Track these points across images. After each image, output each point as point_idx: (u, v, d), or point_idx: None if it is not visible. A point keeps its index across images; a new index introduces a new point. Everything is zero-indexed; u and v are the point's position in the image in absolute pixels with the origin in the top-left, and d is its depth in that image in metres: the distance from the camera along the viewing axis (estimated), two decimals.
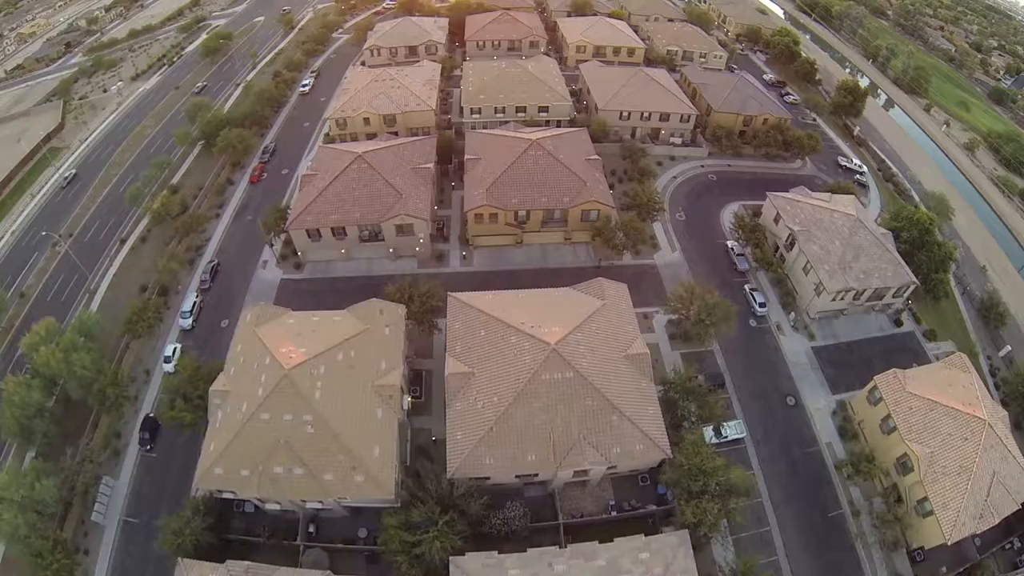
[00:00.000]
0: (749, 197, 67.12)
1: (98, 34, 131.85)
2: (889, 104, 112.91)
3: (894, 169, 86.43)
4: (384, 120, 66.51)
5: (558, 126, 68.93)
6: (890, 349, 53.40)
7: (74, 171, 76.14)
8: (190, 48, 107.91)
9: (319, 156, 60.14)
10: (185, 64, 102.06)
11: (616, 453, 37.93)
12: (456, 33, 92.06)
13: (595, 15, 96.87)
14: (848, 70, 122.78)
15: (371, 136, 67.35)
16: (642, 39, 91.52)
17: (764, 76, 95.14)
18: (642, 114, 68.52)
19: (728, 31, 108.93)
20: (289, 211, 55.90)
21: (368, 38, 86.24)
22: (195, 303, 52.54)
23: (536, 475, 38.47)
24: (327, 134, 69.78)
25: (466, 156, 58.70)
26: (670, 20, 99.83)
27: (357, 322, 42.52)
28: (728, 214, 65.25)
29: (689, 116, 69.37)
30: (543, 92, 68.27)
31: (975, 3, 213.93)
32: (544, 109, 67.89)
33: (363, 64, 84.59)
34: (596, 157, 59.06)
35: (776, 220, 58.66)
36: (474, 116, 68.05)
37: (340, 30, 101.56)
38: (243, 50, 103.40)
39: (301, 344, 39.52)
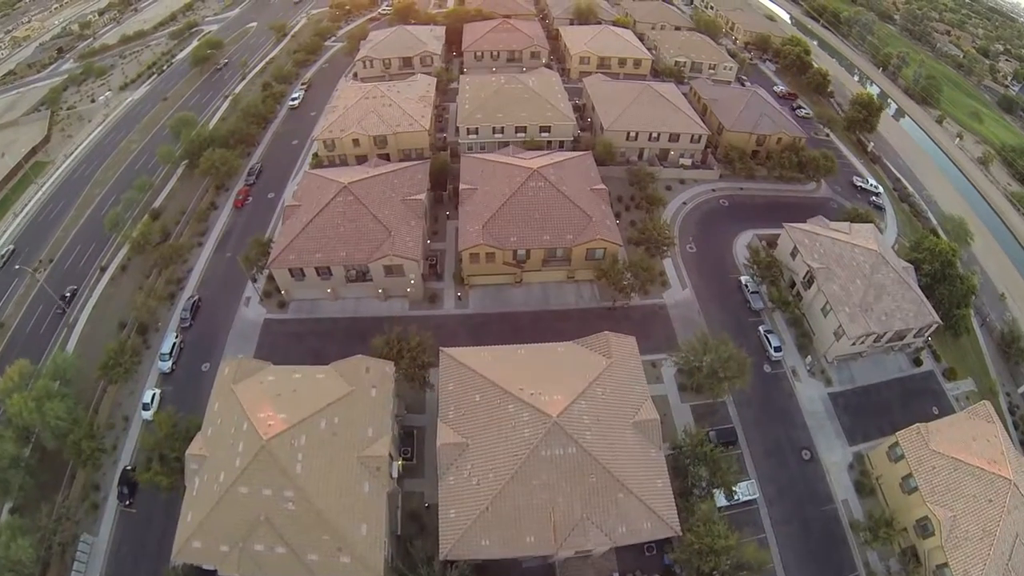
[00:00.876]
0: (763, 224, 60.46)
1: (91, 39, 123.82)
2: (899, 114, 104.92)
3: (910, 189, 79.33)
4: (374, 141, 59.06)
5: (560, 146, 61.95)
6: (909, 392, 48.19)
7: (11, 247, 61.18)
8: (181, 56, 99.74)
9: (304, 184, 53.13)
10: (175, 73, 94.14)
11: (621, 532, 32.36)
12: (453, 42, 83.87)
13: (599, 23, 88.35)
14: (857, 78, 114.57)
15: (361, 158, 60.27)
16: (648, 48, 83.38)
17: (775, 88, 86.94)
18: (651, 135, 61.15)
19: (736, 39, 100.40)
20: (272, 244, 49.19)
21: (361, 48, 78.34)
22: (174, 344, 46.71)
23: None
24: (315, 155, 62.60)
25: (461, 185, 51.66)
26: (677, 28, 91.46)
27: (341, 382, 36.54)
28: (741, 244, 58.27)
29: (700, 136, 62.07)
30: (544, 110, 60.72)
31: (978, 5, 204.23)
32: (546, 129, 60.39)
33: (355, 76, 77.29)
34: (602, 187, 52.01)
35: (793, 254, 51.87)
36: (471, 137, 60.69)
37: (333, 38, 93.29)
38: (234, 57, 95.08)
39: (281, 408, 34.13)
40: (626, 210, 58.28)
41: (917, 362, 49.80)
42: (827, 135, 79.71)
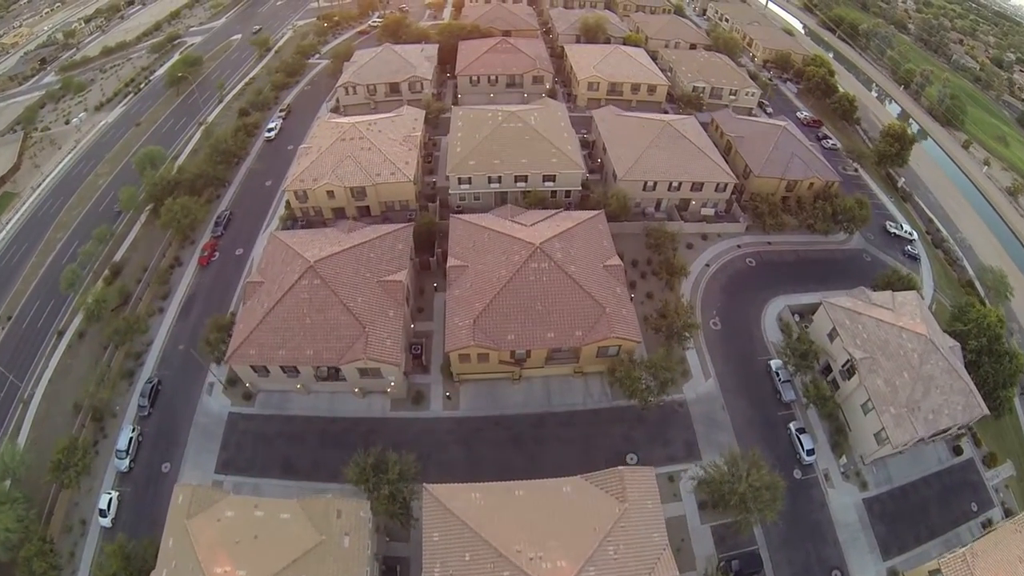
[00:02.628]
0: (794, 286, 48.39)
1: (74, 50, 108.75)
2: (922, 135, 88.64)
3: (943, 231, 65.78)
4: (352, 193, 46.42)
5: (567, 196, 49.67)
6: (948, 487, 39.40)
7: None
8: (159, 72, 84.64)
9: (267, 253, 41.13)
10: (151, 93, 79.21)
11: None
12: (448, 61, 69.12)
13: (608, 41, 73.13)
14: (875, 94, 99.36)
15: (338, 211, 47.71)
16: (662, 70, 68.59)
17: (798, 114, 72.64)
18: (671, 184, 48.12)
19: (755, 56, 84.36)
20: (235, 320, 38.31)
21: (344, 70, 63.83)
22: (131, 439, 36.91)
23: None
24: (287, 205, 49.56)
25: (449, 260, 39.09)
26: (692, 46, 75.78)
27: (309, 529, 27.53)
28: (771, 316, 46.04)
29: (726, 185, 48.96)
30: (549, 156, 47.10)
31: (984, 11, 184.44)
32: (550, 178, 47.03)
33: (337, 102, 63.03)
34: (617, 262, 39.38)
35: (832, 336, 40.41)
36: (463, 187, 47.49)
37: (316, 55, 77.73)
38: (214, 75, 79.95)
39: (241, 561, 26.70)
40: (642, 277, 45.71)
41: (957, 450, 40.39)
42: (856, 169, 66.46)
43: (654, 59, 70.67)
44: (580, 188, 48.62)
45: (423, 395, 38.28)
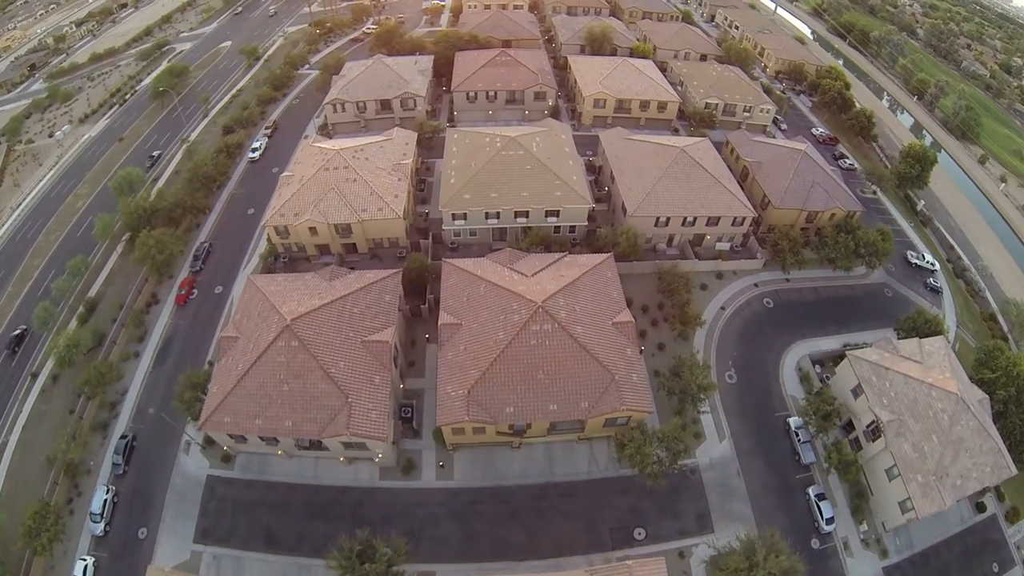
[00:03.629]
0: (813, 329, 42.70)
1: (64, 55, 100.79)
2: (936, 147, 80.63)
3: (964, 259, 58.51)
4: (336, 230, 40.20)
5: (571, 232, 43.14)
6: (970, 548, 34.69)
7: None
8: (146, 82, 76.80)
9: (243, 302, 35.19)
10: (135, 105, 71.64)
11: None
12: (444, 74, 61.29)
13: (614, 52, 65.31)
14: (887, 103, 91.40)
15: (322, 247, 41.57)
16: (672, 84, 60.78)
17: (813, 131, 65.21)
18: (685, 219, 41.85)
19: (766, 66, 76.07)
20: (211, 375, 32.97)
21: (332, 85, 56.14)
22: (106, 501, 33.04)
23: None
24: (268, 240, 43.09)
25: (441, 316, 32.83)
26: (703, 57, 68.00)
27: None
28: (790, 365, 40.27)
29: (744, 219, 42.73)
30: (552, 188, 40.47)
31: (988, 13, 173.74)
32: (554, 213, 40.66)
33: (325, 120, 55.62)
34: (628, 319, 33.25)
35: (856, 392, 35.10)
36: (457, 222, 41.04)
37: (306, 66, 70.00)
38: (200, 86, 72.56)
39: None
40: (652, 325, 39.57)
41: (980, 507, 35.55)
42: (874, 192, 59.53)
43: (663, 71, 63.19)
44: (586, 223, 42.21)
45: (414, 463, 32.78)
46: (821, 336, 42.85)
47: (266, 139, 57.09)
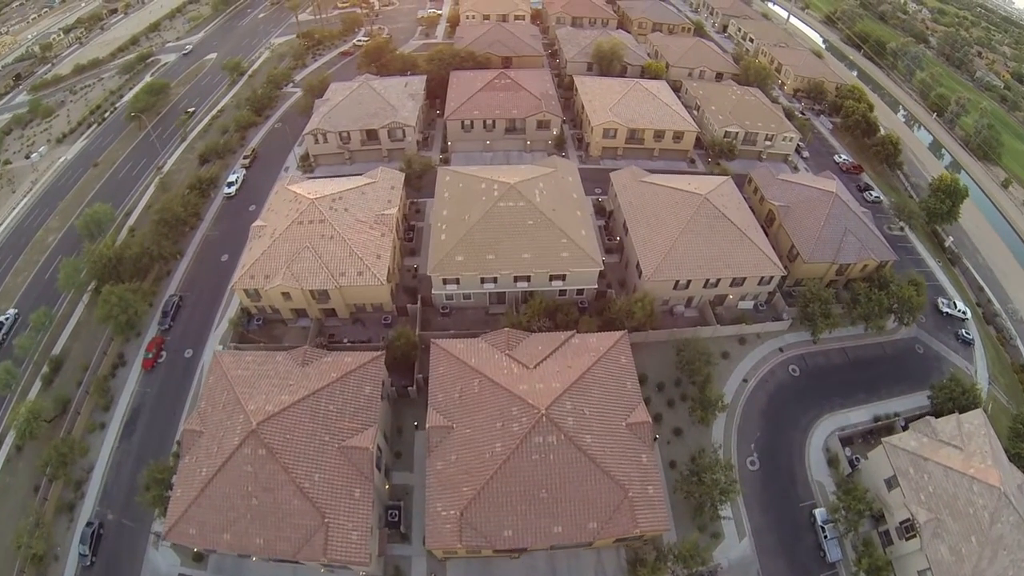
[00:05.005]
0: (843, 400, 35.78)
1: (49, 65, 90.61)
2: (955, 168, 71.17)
3: (994, 302, 49.80)
4: (313, 295, 32.66)
5: (579, 294, 34.99)
6: None
7: None
8: (126, 98, 67.10)
9: (209, 387, 28.25)
10: (113, 125, 62.44)
11: None
12: (437, 94, 52.18)
13: (624, 71, 55.69)
14: (903, 117, 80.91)
15: (299, 312, 34.04)
16: (687, 107, 51.39)
17: (835, 158, 56.11)
18: (707, 280, 34.13)
19: (784, 83, 66.01)
20: (176, 476, 26.24)
21: (314, 110, 47.18)
22: None
23: None
24: (240, 307, 35.40)
25: (429, 416, 25.97)
26: (718, 76, 58.29)
27: None
28: (816, 444, 33.55)
29: (772, 278, 34.97)
30: (558, 249, 32.43)
31: (992, 16, 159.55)
32: (559, 277, 32.82)
33: (307, 151, 46.76)
34: (644, 418, 26.10)
35: (891, 483, 28.91)
36: (449, 287, 33.29)
37: (290, 84, 60.23)
38: (181, 103, 63.12)
39: None
40: (668, 406, 32.39)
41: None
42: (901, 229, 50.93)
43: (676, 91, 53.58)
44: (596, 286, 34.32)
45: (402, 573, 26.37)
46: (850, 407, 35.87)
47: (244, 171, 48.55)
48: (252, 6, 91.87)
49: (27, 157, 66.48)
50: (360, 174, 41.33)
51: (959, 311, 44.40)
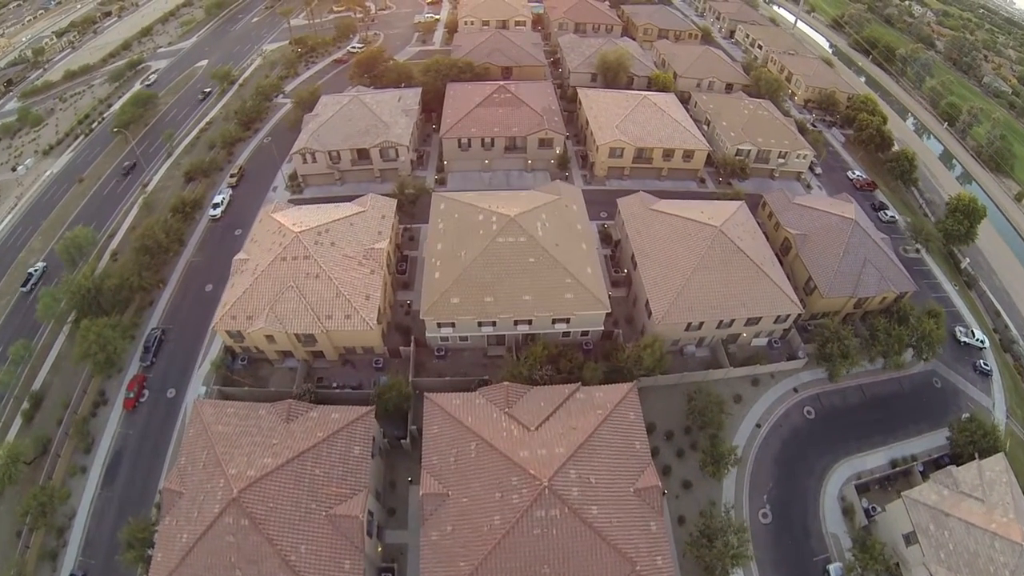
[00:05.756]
0: (859, 443, 32.61)
1: (41, 70, 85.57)
2: (966, 179, 66.82)
3: (1011, 329, 45.67)
4: (299, 339, 29.23)
5: (584, 335, 31.28)
6: None
7: None
8: (115, 107, 62.22)
9: (189, 440, 25.11)
10: (100, 136, 58.02)
11: None
12: (433, 107, 47.68)
13: (631, 82, 51.05)
14: (912, 125, 75.94)
15: (285, 353, 30.68)
16: (696, 120, 46.94)
17: (849, 174, 51.67)
18: (721, 321, 30.69)
19: (794, 93, 60.97)
20: (156, 539, 23.33)
21: (303, 126, 42.93)
22: None
23: None
24: (223, 346, 31.89)
25: (423, 481, 22.75)
26: (728, 87, 53.75)
27: None
28: (831, 492, 30.50)
29: (789, 316, 31.51)
30: (562, 290, 28.89)
31: (995, 17, 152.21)
32: (564, 319, 29.36)
33: (291, 176, 42.71)
34: (653, 482, 22.88)
35: (909, 539, 25.91)
36: (444, 330, 29.92)
37: (281, 95, 55.47)
38: (169, 114, 58.58)
39: None
40: (678, 457, 29.16)
41: None
42: (917, 251, 47.00)
43: (685, 104, 49.20)
44: (602, 327, 30.68)
45: None
46: (867, 450, 32.70)
47: (230, 190, 44.45)
48: (245, 10, 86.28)
49: (13, 169, 62.14)
50: (351, 196, 37.48)
51: (977, 340, 40.86)
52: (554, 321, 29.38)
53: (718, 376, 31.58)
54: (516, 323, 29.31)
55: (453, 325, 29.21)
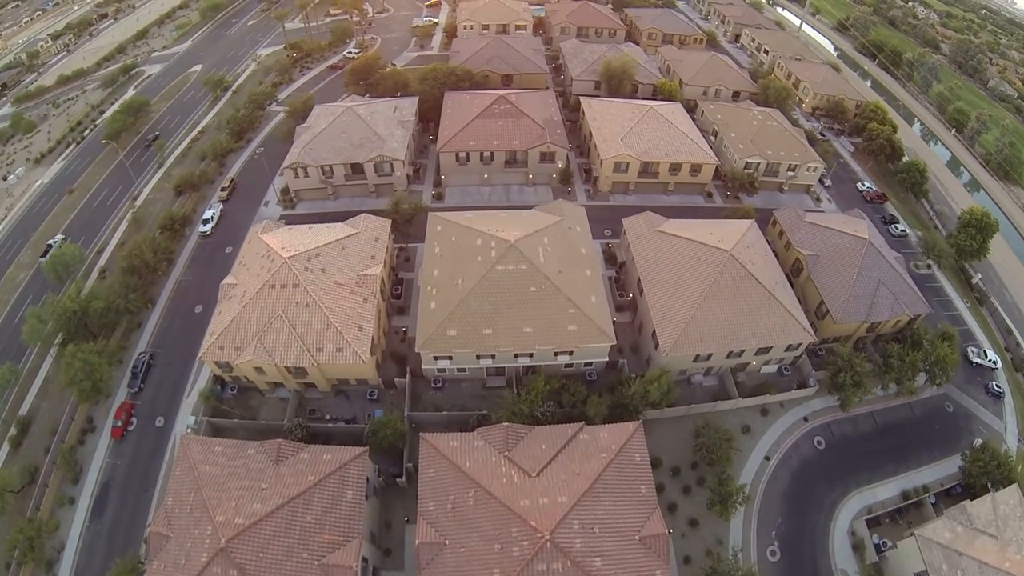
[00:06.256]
0: (870, 473, 30.85)
1: (35, 74, 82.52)
2: (973, 187, 63.77)
3: (1023, 346, 47.39)
4: (290, 372, 27.23)
5: (587, 366, 29.15)
6: None
7: None
8: (108, 113, 59.50)
9: (176, 480, 23.26)
10: (91, 145, 55.37)
11: None
12: (431, 117, 45.02)
13: (635, 90, 48.32)
14: (919, 130, 72.66)
15: (276, 384, 28.64)
16: (703, 130, 44.24)
17: (859, 185, 49.24)
18: (731, 352, 28.43)
19: (802, 100, 58.13)
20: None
21: (295, 138, 40.54)
22: None
23: None
24: (212, 375, 30.00)
25: (420, 529, 20.87)
26: (735, 95, 50.97)
27: None
28: (842, 527, 28.68)
29: (801, 344, 29.40)
30: (564, 320, 26.75)
31: (997, 18, 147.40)
32: (567, 352, 27.26)
33: (283, 190, 40.26)
34: (660, 530, 21.04)
35: None
36: (440, 362, 27.72)
37: (273, 103, 52.77)
38: (162, 122, 55.99)
39: None
40: (684, 493, 27.35)
41: None
42: (928, 267, 44.89)
43: (691, 113, 46.48)
44: (607, 359, 28.58)
45: None
46: (878, 481, 30.99)
47: (221, 205, 42.10)
48: (241, 13, 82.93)
49: (4, 179, 59.75)
50: (345, 211, 35.66)
51: (989, 361, 38.71)
52: (556, 353, 27.33)
53: (726, 407, 29.62)
54: (516, 355, 27.18)
55: (450, 358, 27.17)
